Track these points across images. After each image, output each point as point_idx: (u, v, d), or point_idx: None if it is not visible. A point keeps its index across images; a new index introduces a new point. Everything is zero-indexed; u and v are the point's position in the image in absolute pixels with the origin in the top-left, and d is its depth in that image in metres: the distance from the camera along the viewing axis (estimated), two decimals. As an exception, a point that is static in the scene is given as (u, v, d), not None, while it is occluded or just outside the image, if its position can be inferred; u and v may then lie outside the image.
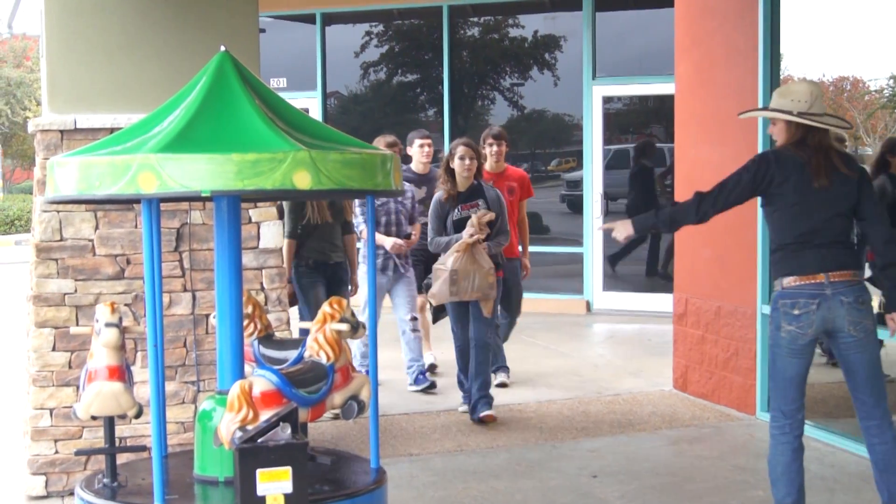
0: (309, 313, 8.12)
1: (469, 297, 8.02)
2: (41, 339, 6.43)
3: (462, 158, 8.13)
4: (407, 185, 9.13)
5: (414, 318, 9.23)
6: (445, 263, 7.98)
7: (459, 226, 8.09)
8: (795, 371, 5.50)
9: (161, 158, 3.76)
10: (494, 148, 9.41)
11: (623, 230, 5.84)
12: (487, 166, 9.25)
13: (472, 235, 7.90)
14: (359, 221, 8.95)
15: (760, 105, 8.08)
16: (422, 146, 9.97)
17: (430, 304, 8.66)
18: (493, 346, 8.80)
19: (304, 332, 4.61)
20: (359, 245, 8.90)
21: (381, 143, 9.03)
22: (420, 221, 9.22)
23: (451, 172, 8.20)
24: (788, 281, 5.47)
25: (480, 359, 8.22)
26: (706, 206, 5.69)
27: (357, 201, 8.67)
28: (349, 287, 8.68)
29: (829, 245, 5.43)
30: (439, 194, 8.29)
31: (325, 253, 8.44)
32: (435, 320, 9.23)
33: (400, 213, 9.11)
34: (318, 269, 8.46)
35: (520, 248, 9.57)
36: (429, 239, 8.33)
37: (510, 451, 7.48)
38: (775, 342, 5.53)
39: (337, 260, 8.54)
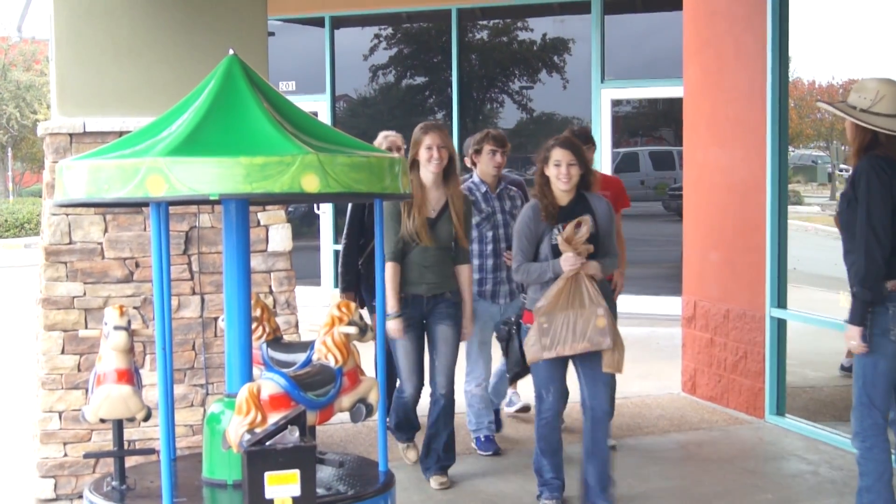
0: (398, 366, 6.80)
1: (571, 351, 5.98)
2: (50, 342, 6.44)
3: (559, 164, 6.10)
4: (515, 190, 7.58)
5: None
6: (535, 305, 6.10)
7: (557, 251, 6.06)
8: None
9: (170, 162, 3.77)
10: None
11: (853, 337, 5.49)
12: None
13: (571, 263, 5.97)
14: (480, 249, 7.34)
15: (769, 106, 8.08)
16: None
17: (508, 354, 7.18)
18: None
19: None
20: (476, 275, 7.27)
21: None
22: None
23: (546, 181, 6.19)
24: (893, 284, 5.38)
25: (598, 436, 6.21)
26: (876, 251, 5.36)
27: (474, 223, 7.15)
28: (454, 325, 6.73)
29: None
30: (531, 208, 6.26)
31: (423, 284, 6.63)
32: (513, 379, 7.89)
33: (511, 216, 7.32)
34: (413, 305, 6.66)
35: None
36: (513, 266, 6.28)
37: (519, 453, 7.47)
38: (879, 348, 5.41)
39: (438, 292, 6.67)
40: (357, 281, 7.56)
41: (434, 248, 6.59)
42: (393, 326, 6.53)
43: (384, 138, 8.05)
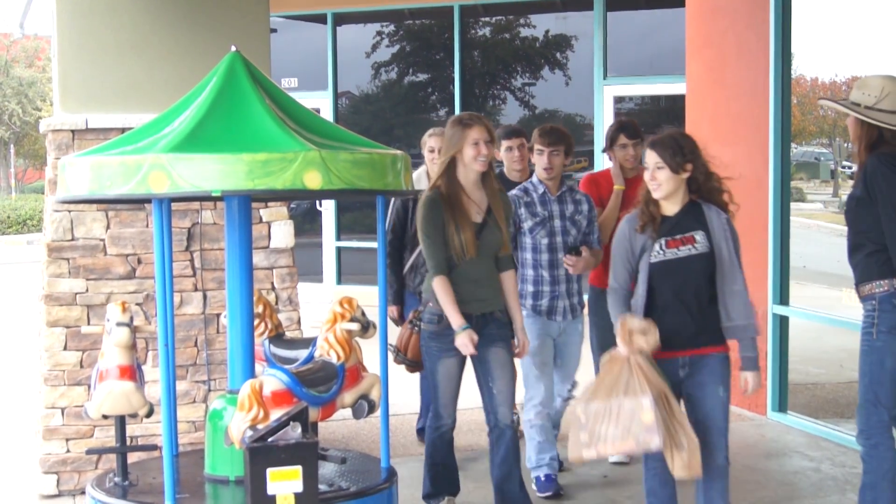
0: (436, 391, 5.90)
1: (614, 451, 4.93)
2: (53, 338, 6.44)
3: (647, 167, 5.13)
4: (583, 193, 6.66)
5: (573, 387, 6.69)
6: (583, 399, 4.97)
7: (663, 273, 5.00)
8: None
9: (172, 158, 3.77)
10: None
11: None
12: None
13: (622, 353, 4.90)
14: (535, 260, 6.44)
15: (771, 103, 8.08)
16: (510, 148, 7.23)
17: None
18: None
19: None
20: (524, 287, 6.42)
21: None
22: (593, 247, 6.53)
23: None
24: None
25: None
26: None
27: (522, 226, 6.37)
28: (508, 348, 5.86)
29: None
30: (626, 222, 5.19)
31: (473, 301, 5.73)
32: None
33: (573, 222, 6.48)
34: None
35: None
36: (609, 287, 5.24)
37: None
38: (886, 345, 5.37)
39: (487, 310, 5.77)
40: (403, 293, 7.16)
41: (483, 260, 5.71)
42: (465, 340, 5.56)
43: (430, 136, 7.37)
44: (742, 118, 8.58)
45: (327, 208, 15.11)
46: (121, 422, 4.69)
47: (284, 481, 3.83)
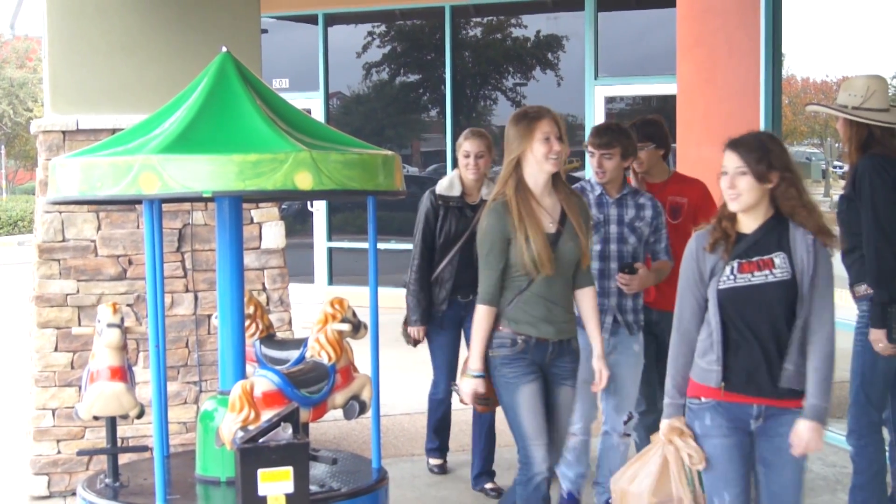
0: (520, 428, 4.92)
1: None
2: (43, 339, 6.44)
3: (725, 172, 4.23)
4: (649, 197, 5.83)
5: (629, 419, 5.87)
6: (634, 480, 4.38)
7: (733, 302, 4.17)
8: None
9: (162, 159, 3.77)
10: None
11: (879, 340, 5.38)
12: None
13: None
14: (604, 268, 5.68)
15: (762, 103, 8.09)
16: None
17: None
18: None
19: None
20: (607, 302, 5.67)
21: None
22: (659, 257, 5.83)
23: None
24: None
25: None
26: (887, 251, 5.30)
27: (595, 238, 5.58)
28: (575, 383, 5.07)
29: None
30: (694, 240, 4.34)
31: (551, 325, 4.90)
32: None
33: (632, 229, 5.73)
34: (536, 351, 4.90)
35: None
36: (675, 322, 4.35)
37: (513, 450, 7.44)
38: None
39: (566, 337, 4.97)
40: (431, 311, 6.59)
41: (559, 276, 4.87)
42: (472, 386, 4.86)
43: (466, 139, 6.53)
44: (733, 118, 8.60)
45: (319, 209, 15.11)
46: (112, 423, 4.68)
47: (275, 482, 3.83)
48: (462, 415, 8.40)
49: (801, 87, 9.21)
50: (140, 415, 4.66)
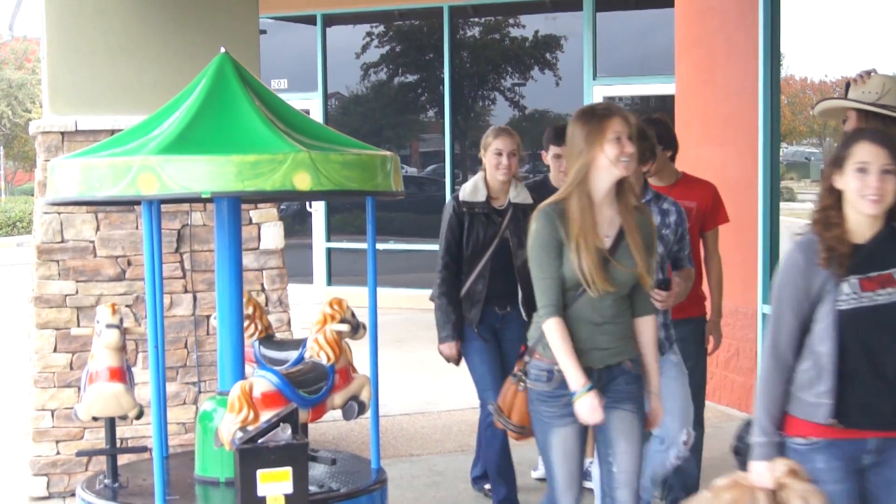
0: (550, 471, 4.45)
1: None
2: (42, 340, 6.43)
3: (863, 170, 3.67)
4: (672, 202, 5.35)
5: (688, 439, 5.29)
6: None
7: (854, 325, 3.65)
8: None
9: (161, 160, 3.77)
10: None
11: None
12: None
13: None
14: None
15: (761, 103, 8.08)
16: (559, 156, 6.39)
17: None
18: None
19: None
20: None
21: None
22: (684, 266, 5.43)
23: (836, 200, 3.77)
24: None
25: None
26: None
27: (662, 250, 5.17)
28: (637, 411, 4.45)
29: None
30: (799, 250, 3.77)
31: (594, 350, 4.32)
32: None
33: (658, 238, 4.97)
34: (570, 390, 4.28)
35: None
36: (769, 346, 3.83)
37: (511, 451, 7.47)
38: None
39: (615, 362, 4.38)
40: (462, 326, 5.99)
41: (611, 296, 4.28)
42: (589, 407, 4.20)
43: (497, 138, 6.03)
44: (732, 118, 8.60)
45: (317, 209, 15.12)
46: (111, 424, 4.68)
47: (275, 482, 3.82)
48: (461, 415, 8.42)
49: (800, 87, 9.21)
50: (139, 415, 4.66)
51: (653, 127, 5.63)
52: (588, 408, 4.17)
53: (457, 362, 6.05)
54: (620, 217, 4.33)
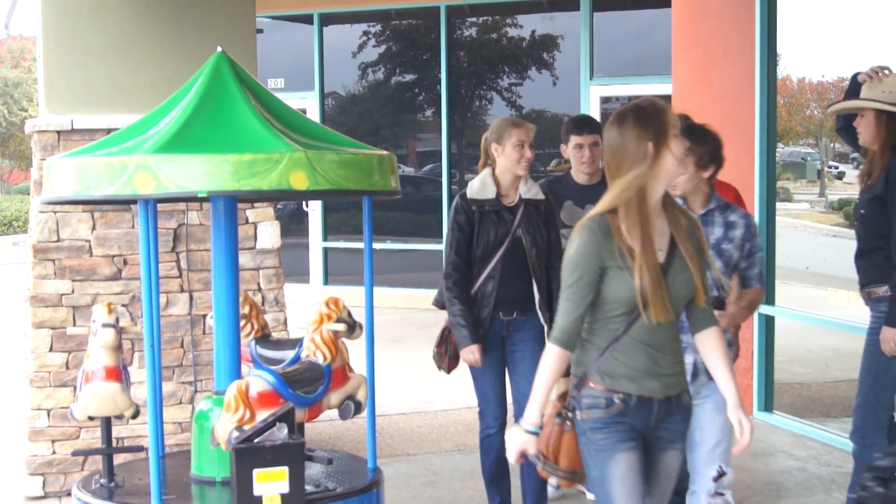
0: None
1: None
2: (38, 339, 6.43)
3: None
4: (737, 214, 4.96)
5: (720, 475, 5.04)
6: None
7: None
8: None
9: (157, 159, 3.77)
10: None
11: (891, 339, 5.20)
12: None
13: None
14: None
15: (757, 104, 8.09)
16: (580, 146, 6.15)
17: None
18: None
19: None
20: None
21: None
22: (750, 285, 4.97)
23: None
24: None
25: None
26: None
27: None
28: (683, 445, 4.11)
29: None
30: None
31: (656, 379, 3.87)
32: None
33: (719, 252, 4.88)
34: (637, 413, 3.87)
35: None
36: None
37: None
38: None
39: (673, 392, 3.93)
40: (479, 329, 5.60)
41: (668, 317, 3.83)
42: (520, 446, 3.91)
43: (517, 128, 5.63)
44: (728, 118, 8.60)
45: (314, 209, 15.11)
46: (107, 423, 4.68)
47: (271, 482, 3.82)
48: (458, 415, 8.42)
49: (797, 88, 9.21)
50: (135, 415, 4.66)
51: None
52: (519, 444, 3.89)
53: (477, 363, 5.61)
54: (671, 226, 3.90)
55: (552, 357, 3.85)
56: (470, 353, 5.56)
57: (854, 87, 5.56)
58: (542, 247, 5.62)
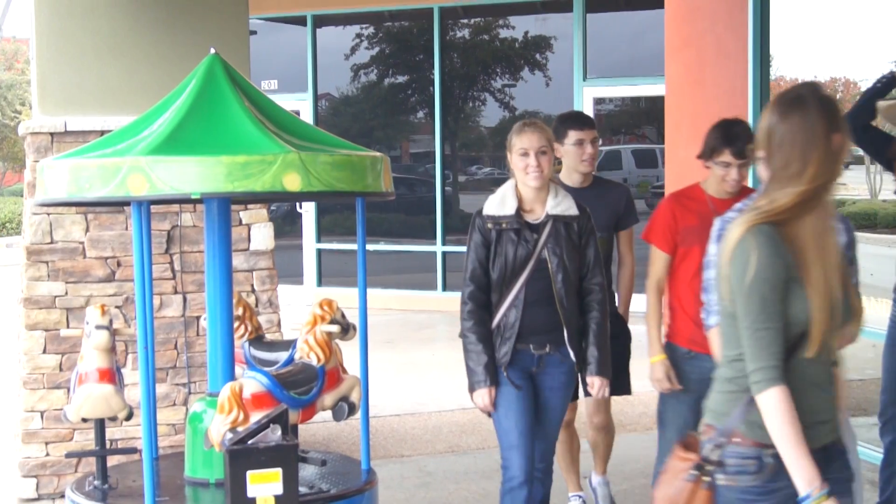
0: None
1: None
2: (32, 341, 6.42)
3: None
4: (839, 221, 3.71)
5: None
6: None
7: None
8: None
9: (151, 161, 3.76)
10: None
11: None
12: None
13: None
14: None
15: (750, 104, 8.09)
16: (581, 142, 5.76)
17: None
18: None
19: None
20: None
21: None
22: None
23: None
24: None
25: None
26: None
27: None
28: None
29: None
30: None
31: (825, 424, 3.19)
32: None
33: None
34: (790, 482, 3.08)
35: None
36: None
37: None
38: None
39: (830, 440, 3.23)
40: (496, 369, 4.93)
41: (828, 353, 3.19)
42: (663, 371, 3.47)
43: (519, 133, 4.97)
44: (721, 119, 8.62)
45: (308, 210, 15.12)
46: (100, 425, 4.67)
47: (264, 483, 3.82)
48: (451, 416, 8.41)
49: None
50: (129, 417, 4.65)
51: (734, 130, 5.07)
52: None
53: (489, 414, 4.98)
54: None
55: (782, 402, 3.01)
56: (480, 398, 4.90)
57: (889, 85, 5.47)
58: (570, 271, 4.91)
